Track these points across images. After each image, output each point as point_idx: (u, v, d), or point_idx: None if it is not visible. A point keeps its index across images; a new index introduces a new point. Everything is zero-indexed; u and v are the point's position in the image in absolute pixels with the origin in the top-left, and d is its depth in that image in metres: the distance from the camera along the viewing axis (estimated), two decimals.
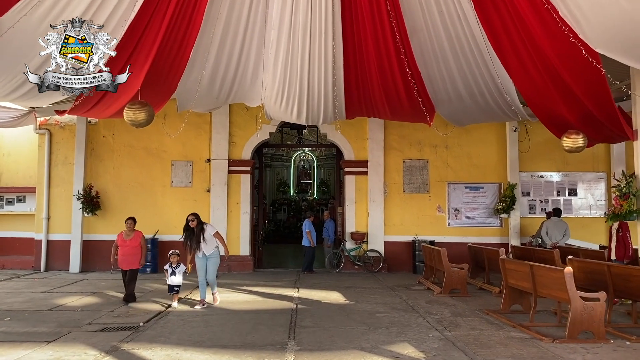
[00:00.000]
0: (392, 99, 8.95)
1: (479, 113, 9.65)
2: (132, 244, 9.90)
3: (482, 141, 15.08)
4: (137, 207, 14.79)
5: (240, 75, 8.99)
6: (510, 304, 9.10)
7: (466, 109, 9.39)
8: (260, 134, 14.99)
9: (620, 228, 10.09)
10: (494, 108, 9.36)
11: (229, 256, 14.66)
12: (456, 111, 9.44)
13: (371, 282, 12.73)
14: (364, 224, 14.90)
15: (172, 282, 9.63)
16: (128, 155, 15.02)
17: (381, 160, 14.90)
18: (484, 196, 15.02)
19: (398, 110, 9.30)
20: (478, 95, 8.96)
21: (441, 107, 9.17)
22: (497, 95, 8.90)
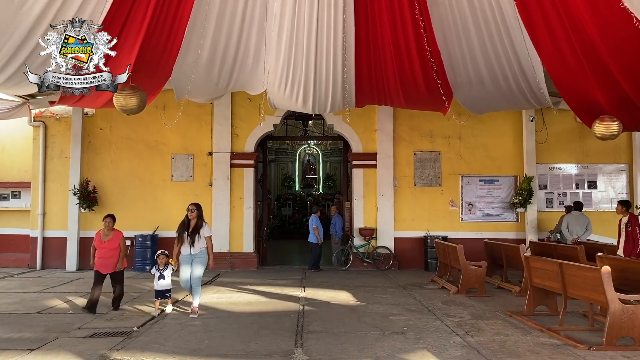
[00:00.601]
0: (407, 82, 8.18)
1: (500, 99, 8.88)
2: (110, 246, 8.56)
3: (497, 131, 14.30)
4: (135, 202, 14.14)
5: (241, 56, 8.23)
6: (535, 305, 8.35)
7: (486, 95, 8.63)
8: (263, 126, 14.28)
9: (630, 222, 9.35)
10: (516, 93, 8.60)
11: (231, 254, 14.10)
12: (475, 97, 8.68)
13: (381, 281, 12.00)
14: (372, 220, 14.17)
15: (160, 286, 8.48)
16: (126, 148, 14.33)
17: (391, 152, 14.15)
18: (499, 189, 14.24)
19: (413, 96, 8.54)
20: (501, 79, 8.19)
21: (460, 91, 8.42)
22: (521, 79, 8.13)
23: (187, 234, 8.23)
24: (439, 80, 7.82)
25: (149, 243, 13.62)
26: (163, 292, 8.51)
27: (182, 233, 8.31)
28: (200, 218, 8.42)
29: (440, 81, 7.86)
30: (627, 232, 9.34)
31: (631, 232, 9.28)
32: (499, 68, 8.08)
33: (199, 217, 8.39)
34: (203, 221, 8.46)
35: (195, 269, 8.31)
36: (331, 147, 28.14)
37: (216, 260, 14.15)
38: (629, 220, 9.40)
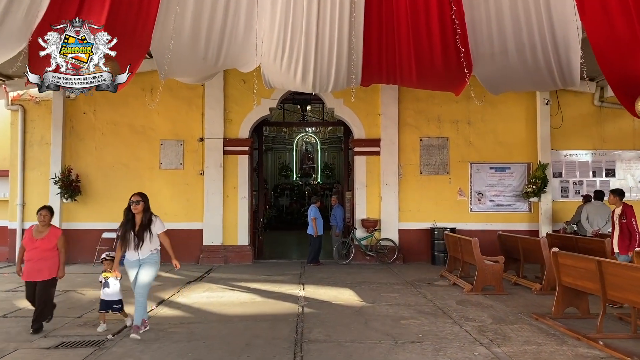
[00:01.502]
0: (422, 53, 7.07)
1: (522, 76, 7.81)
2: (43, 245, 6.68)
3: (509, 116, 13.23)
4: (121, 192, 12.95)
5: (230, 22, 7.08)
6: (565, 307, 7.33)
7: (508, 70, 7.55)
8: (259, 109, 13.18)
9: (625, 214, 8.10)
10: (542, 68, 7.53)
11: (225, 247, 13.05)
12: (496, 72, 7.60)
13: (387, 276, 10.97)
14: (376, 210, 13.11)
15: (106, 296, 6.72)
16: (111, 133, 13.21)
17: (395, 138, 13.07)
18: (510, 178, 13.20)
19: (427, 71, 7.45)
20: (528, 49, 7.12)
21: (479, 65, 7.34)
22: (551, 50, 7.06)
23: (133, 234, 6.43)
24: (462, 48, 6.73)
25: None
26: (110, 303, 6.73)
27: (125, 233, 6.45)
28: (148, 211, 6.58)
29: (463, 50, 6.76)
30: (621, 224, 8.15)
31: (626, 224, 8.07)
32: (528, 36, 6.98)
33: (145, 210, 6.54)
34: (152, 215, 6.60)
35: (142, 274, 6.46)
36: (330, 135, 27.16)
37: (209, 254, 13.21)
38: (623, 211, 8.14)
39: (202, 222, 12.94)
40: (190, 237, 12.93)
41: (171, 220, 12.97)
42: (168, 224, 12.85)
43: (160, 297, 8.87)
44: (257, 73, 9.61)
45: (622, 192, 8.58)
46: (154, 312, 7.73)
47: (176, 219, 12.97)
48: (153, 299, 8.68)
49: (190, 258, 12.90)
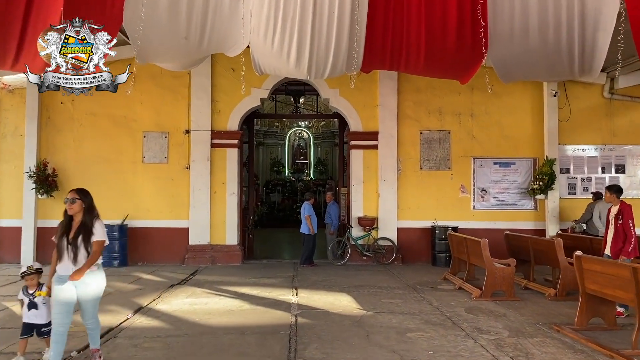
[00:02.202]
0: (435, 29, 6.16)
1: (540, 59, 6.96)
2: None
3: (514, 108, 12.41)
4: (102, 188, 12.05)
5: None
6: (589, 317, 6.52)
7: (526, 51, 6.70)
8: (249, 100, 12.27)
9: (622, 214, 7.19)
10: (563, 51, 6.69)
11: (212, 246, 12.14)
12: (513, 54, 6.74)
13: (386, 279, 10.12)
14: (373, 208, 12.25)
15: (29, 319, 5.23)
16: (91, 125, 12.23)
17: (394, 131, 12.21)
18: (515, 173, 12.39)
19: (437, 52, 6.57)
20: (551, 29, 6.27)
21: (496, 45, 6.49)
22: (577, 30, 6.22)
23: (67, 242, 4.86)
24: (483, 22, 5.88)
25: (116, 234, 11.61)
26: (35, 327, 5.25)
27: (60, 240, 4.90)
28: (89, 212, 5.02)
29: (484, 24, 5.91)
30: (616, 225, 7.23)
31: (622, 225, 7.16)
32: (554, 11, 6.12)
33: (85, 211, 4.99)
34: (94, 217, 5.06)
35: (84, 301, 4.93)
36: (323, 130, 26.35)
37: (195, 254, 12.30)
38: (620, 210, 7.24)
39: (188, 220, 12.02)
40: (175, 236, 12.02)
41: (155, 218, 12.11)
42: (150, 222, 12.12)
43: (139, 303, 7.97)
44: (247, 60, 8.71)
45: (620, 188, 7.63)
46: (129, 323, 6.83)
47: (160, 216, 12.06)
48: (130, 305, 7.78)
49: (175, 258, 12.00)
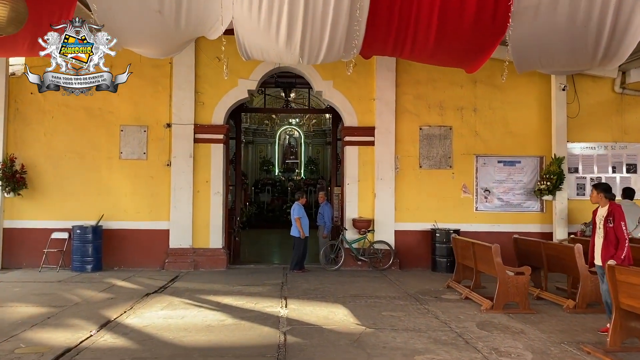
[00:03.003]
0: (451, 1, 5.28)
1: (564, 42, 6.05)
2: None
3: (519, 103, 11.52)
4: (75, 185, 11.07)
5: None
6: (624, 337, 5.61)
7: (551, 31, 5.81)
8: (236, 92, 11.29)
9: (612, 216, 6.16)
10: (590, 33, 5.79)
11: (195, 250, 11.14)
12: (534, 34, 5.84)
13: (384, 287, 9.18)
14: (369, 209, 11.31)
15: None
16: (64, 117, 11.17)
17: (392, 126, 11.28)
18: (521, 173, 11.51)
19: (451, 31, 5.64)
20: (583, 3, 5.39)
21: (518, 21, 5.59)
22: (615, 3, 5.36)
23: None
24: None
25: (90, 236, 10.57)
26: None
27: None
28: None
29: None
30: (606, 229, 6.18)
31: (613, 229, 6.09)
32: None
33: None
34: None
35: None
36: (314, 129, 25.47)
37: (176, 258, 11.30)
38: (610, 211, 6.21)
39: (168, 221, 11.00)
40: (155, 239, 11.00)
41: (132, 219, 11.08)
42: (127, 223, 11.06)
43: (107, 316, 6.95)
44: (232, 49, 7.79)
45: (609, 187, 6.56)
46: (91, 341, 5.81)
47: (138, 217, 11.04)
48: (96, 319, 6.78)
49: (154, 263, 10.97)
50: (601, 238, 6.26)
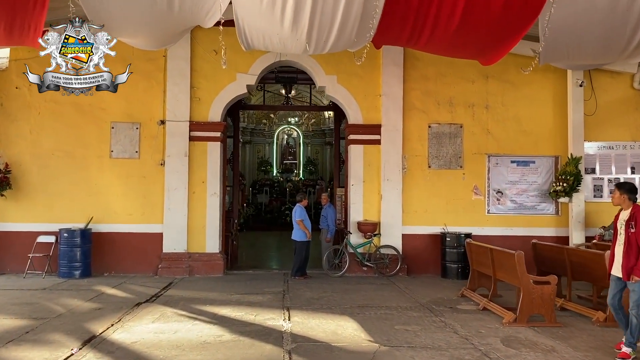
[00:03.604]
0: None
1: (602, 28, 5.44)
2: None
3: (533, 99, 10.87)
4: (63, 186, 10.37)
5: None
6: None
7: (588, 18, 5.18)
8: (234, 87, 10.60)
9: (634, 221, 5.29)
10: (634, 15, 5.19)
11: (190, 255, 10.46)
12: (570, 17, 5.23)
13: (394, 296, 8.50)
14: (374, 211, 10.64)
15: None
16: (51, 114, 10.45)
17: (399, 124, 10.62)
18: (535, 173, 10.85)
19: (477, 15, 4.98)
20: None
21: (555, 8, 4.95)
22: None
23: None
24: None
25: (78, 240, 9.87)
26: None
27: None
28: None
29: None
30: (627, 234, 5.34)
31: (635, 235, 5.26)
32: None
33: None
34: None
35: None
36: (313, 128, 24.80)
37: (170, 263, 10.62)
38: (632, 215, 5.37)
39: (161, 224, 10.30)
40: (148, 243, 10.30)
41: (124, 222, 10.36)
42: (118, 226, 10.33)
43: (92, 330, 6.26)
44: (230, 41, 7.18)
45: (634, 188, 5.61)
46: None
47: (130, 220, 10.34)
48: (79, 333, 6.08)
49: (146, 268, 10.28)
50: (622, 245, 5.50)
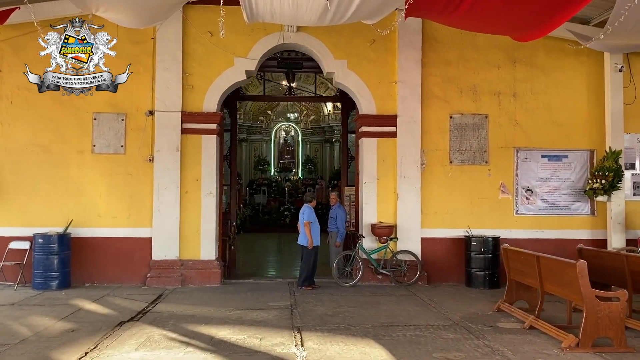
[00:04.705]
0: None
1: None
2: None
3: (566, 86, 9.69)
4: (39, 185, 9.09)
5: None
6: None
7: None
8: (232, 73, 9.35)
9: None
10: None
11: (183, 262, 9.20)
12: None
13: (419, 311, 7.26)
14: (390, 212, 9.41)
15: None
16: (25, 103, 9.11)
17: (417, 114, 9.39)
18: (568, 169, 9.66)
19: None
20: None
21: None
22: None
23: None
24: None
25: (55, 247, 8.59)
26: None
27: None
28: None
29: None
30: None
31: None
32: None
33: None
34: None
35: None
36: (312, 126, 23.64)
37: (160, 272, 9.32)
38: None
39: (150, 228, 9.03)
40: (135, 249, 9.04)
41: (107, 225, 9.05)
42: (103, 230, 9.02)
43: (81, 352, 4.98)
44: (229, 18, 6.02)
45: None
46: None
47: (114, 223, 9.06)
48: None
49: (134, 278, 9.01)
50: None
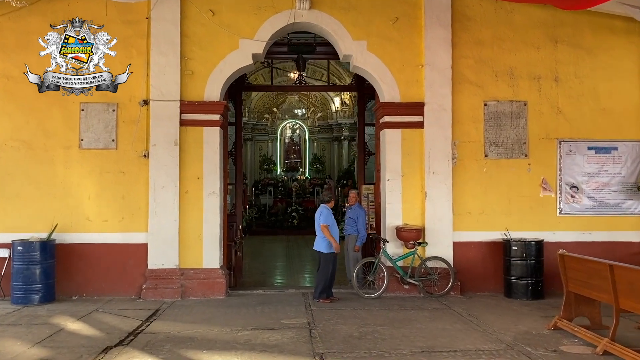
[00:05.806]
0: None
1: None
2: None
3: (615, 70, 8.51)
4: (19, 185, 8.00)
5: None
6: None
7: None
8: (236, 57, 8.23)
9: None
10: None
11: (183, 271, 8.07)
12: None
13: (460, 329, 6.09)
14: (417, 213, 8.25)
15: None
16: (4, 93, 8.01)
17: (447, 102, 8.24)
18: (618, 163, 8.49)
19: None
20: None
21: None
22: None
23: None
24: None
25: (37, 255, 7.47)
26: None
27: None
28: None
29: None
30: None
31: None
32: None
33: None
34: None
35: None
36: (319, 123, 22.66)
37: (157, 282, 8.13)
38: None
39: (146, 233, 7.91)
40: (128, 257, 7.93)
41: (97, 230, 7.90)
42: (93, 236, 7.68)
43: None
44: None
45: None
46: None
47: (105, 227, 7.94)
48: None
49: (127, 289, 7.90)
50: None
